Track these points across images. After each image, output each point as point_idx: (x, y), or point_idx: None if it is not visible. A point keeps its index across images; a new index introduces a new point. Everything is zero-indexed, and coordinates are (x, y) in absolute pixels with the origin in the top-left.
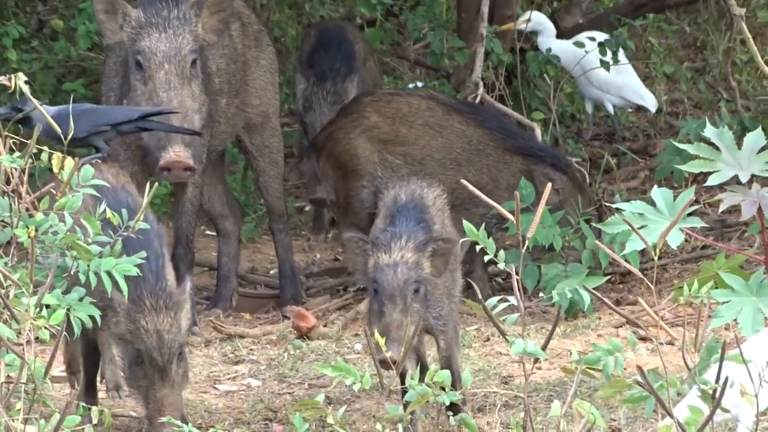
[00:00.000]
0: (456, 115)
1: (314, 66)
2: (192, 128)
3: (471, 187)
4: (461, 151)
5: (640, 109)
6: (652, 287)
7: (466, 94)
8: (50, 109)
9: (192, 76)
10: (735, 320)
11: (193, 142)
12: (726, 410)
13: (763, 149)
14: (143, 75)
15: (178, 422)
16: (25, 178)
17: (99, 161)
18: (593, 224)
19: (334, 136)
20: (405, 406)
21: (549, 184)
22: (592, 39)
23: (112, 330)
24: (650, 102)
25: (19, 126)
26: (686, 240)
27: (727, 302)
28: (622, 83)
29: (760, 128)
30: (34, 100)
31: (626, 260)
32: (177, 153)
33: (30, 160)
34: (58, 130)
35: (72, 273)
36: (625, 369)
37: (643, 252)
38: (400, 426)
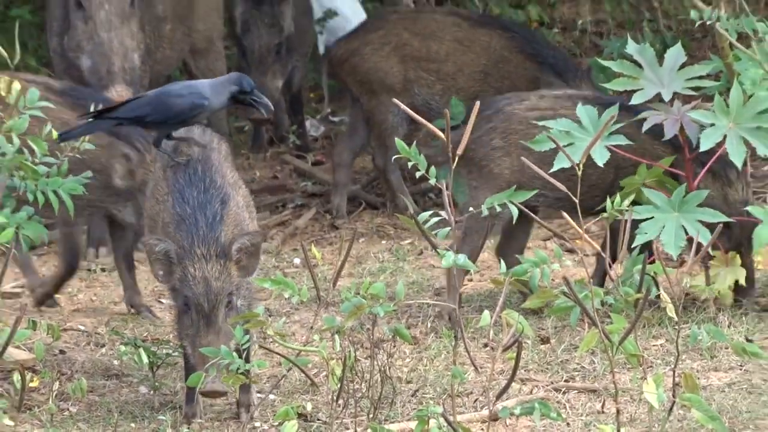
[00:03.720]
0: (480, 28)
1: None
2: (131, 66)
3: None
4: (487, 62)
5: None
6: (575, 200)
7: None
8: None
9: (131, 15)
10: (658, 235)
11: (133, 80)
12: None
13: (683, 66)
14: (84, 14)
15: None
16: None
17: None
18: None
19: (360, 52)
20: None
21: (477, 103)
22: None
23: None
24: None
25: None
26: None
27: (651, 218)
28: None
29: (679, 44)
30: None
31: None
32: (119, 93)
33: None
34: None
35: (21, 192)
36: (552, 280)
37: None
38: (336, 336)
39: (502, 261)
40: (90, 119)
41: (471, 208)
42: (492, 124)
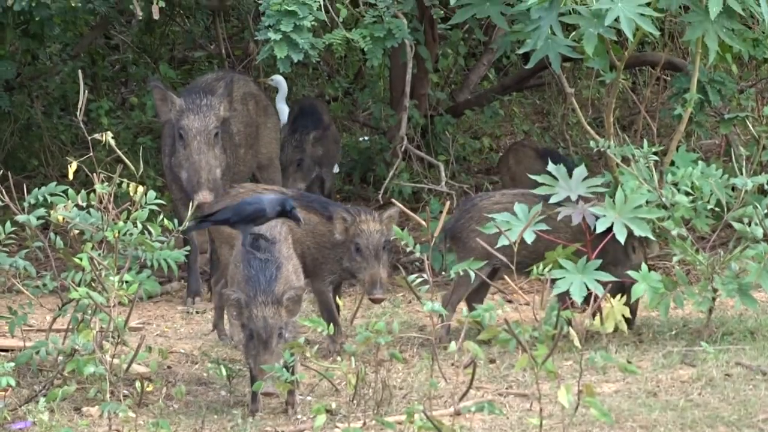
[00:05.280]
0: (534, 153)
1: (298, 126)
2: (213, 177)
3: (402, 207)
4: (526, 171)
5: None
6: (512, 267)
7: (396, 144)
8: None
9: (215, 143)
10: (568, 289)
11: (216, 187)
12: None
13: (585, 179)
14: (184, 142)
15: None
16: (111, 199)
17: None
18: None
19: (503, 162)
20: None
21: (447, 203)
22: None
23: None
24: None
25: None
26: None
27: (563, 278)
28: None
29: (583, 164)
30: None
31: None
32: (204, 196)
33: (115, 188)
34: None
35: (142, 260)
36: (497, 321)
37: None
38: (352, 358)
39: (465, 307)
40: (199, 220)
41: (454, 272)
42: (470, 215)
